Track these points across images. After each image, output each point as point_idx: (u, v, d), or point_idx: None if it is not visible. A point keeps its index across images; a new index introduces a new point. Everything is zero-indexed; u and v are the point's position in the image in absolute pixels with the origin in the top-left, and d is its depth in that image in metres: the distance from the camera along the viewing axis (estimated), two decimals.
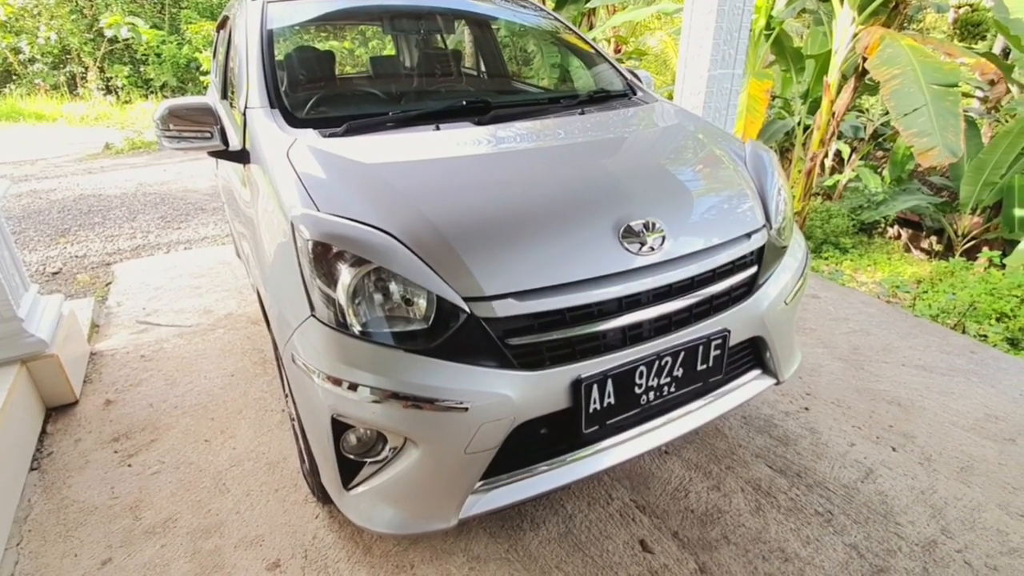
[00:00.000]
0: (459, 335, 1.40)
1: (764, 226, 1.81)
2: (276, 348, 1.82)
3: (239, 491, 1.93)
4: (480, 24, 3.39)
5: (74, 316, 2.75)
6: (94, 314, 3.17)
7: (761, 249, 1.79)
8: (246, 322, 3.05)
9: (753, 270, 1.77)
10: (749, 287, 1.77)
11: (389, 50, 3.70)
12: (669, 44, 8.83)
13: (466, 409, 1.36)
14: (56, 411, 2.37)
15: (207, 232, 4.77)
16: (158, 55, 13.46)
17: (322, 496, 1.79)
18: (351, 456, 1.47)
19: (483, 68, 3.42)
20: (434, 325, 1.40)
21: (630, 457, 1.60)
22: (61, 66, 13.58)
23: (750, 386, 1.86)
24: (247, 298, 3.32)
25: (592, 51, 2.89)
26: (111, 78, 13.57)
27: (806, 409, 2.32)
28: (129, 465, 2.07)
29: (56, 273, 4.05)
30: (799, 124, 5.76)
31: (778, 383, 1.90)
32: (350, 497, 1.50)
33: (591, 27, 7.33)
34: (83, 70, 13.53)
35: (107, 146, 8.72)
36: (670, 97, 4.31)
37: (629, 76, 2.72)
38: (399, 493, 1.47)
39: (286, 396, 1.92)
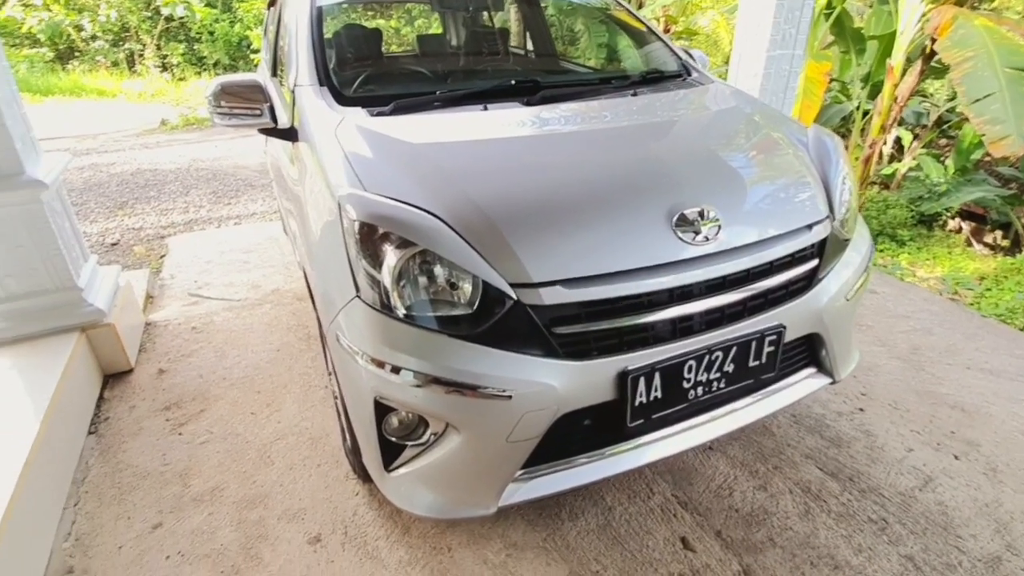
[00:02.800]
0: (504, 321, 1.37)
1: (827, 217, 1.71)
2: (321, 327, 1.83)
3: (283, 464, 1.98)
4: (528, 1, 3.30)
5: (130, 287, 2.85)
6: (149, 285, 3.29)
7: (823, 241, 1.69)
8: (292, 298, 3.11)
9: (813, 263, 1.68)
10: (808, 281, 1.68)
11: (435, 28, 3.66)
12: (721, 24, 8.49)
13: (510, 397, 1.33)
14: (112, 378, 2.47)
15: (256, 208, 4.88)
16: (211, 33, 13.76)
17: (363, 475, 1.81)
18: (393, 438, 1.47)
19: (531, 47, 3.34)
20: (479, 310, 1.38)
21: (675, 453, 1.56)
22: (121, 43, 14.02)
23: (803, 384, 1.78)
24: (293, 274, 3.38)
25: (644, 29, 2.79)
26: (167, 55, 13.95)
27: (861, 410, 2.22)
28: (180, 434, 2.14)
29: (114, 244, 4.21)
30: (858, 109, 5.46)
31: (833, 382, 1.81)
32: (391, 479, 1.51)
33: (640, 6, 7.10)
34: (141, 48, 13.95)
35: (163, 122, 9.00)
36: (723, 79, 4.14)
37: (683, 56, 2.61)
38: (439, 478, 1.46)
39: (329, 374, 1.94)
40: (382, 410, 1.43)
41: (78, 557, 1.67)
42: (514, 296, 1.35)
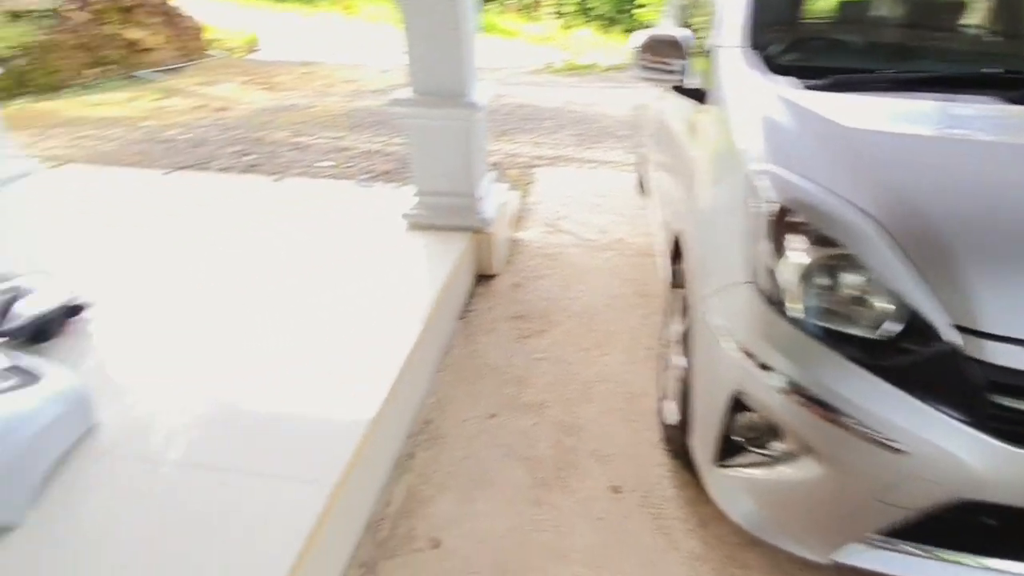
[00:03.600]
0: (923, 363, 1.13)
1: None
2: (687, 297, 1.80)
3: (600, 406, 2.09)
4: None
5: (506, 205, 3.29)
6: (519, 207, 3.76)
7: None
8: (633, 252, 3.20)
9: None
10: None
11: None
12: None
13: (901, 452, 1.11)
14: (481, 278, 2.92)
15: (613, 156, 5.11)
16: None
17: (675, 451, 1.79)
18: (734, 437, 1.39)
19: (1008, 28, 2.59)
20: (891, 339, 1.16)
21: None
22: None
23: None
24: (638, 228, 3.45)
25: None
26: (562, 4, 15.36)
27: None
28: (523, 344, 2.43)
29: (495, 165, 4.92)
30: None
31: None
32: (718, 473, 1.44)
33: None
34: None
35: (547, 64, 10.02)
36: None
37: None
38: (774, 498, 1.34)
39: (676, 343, 1.91)
40: (736, 405, 1.35)
41: (435, 414, 2.07)
42: (956, 341, 1.09)
